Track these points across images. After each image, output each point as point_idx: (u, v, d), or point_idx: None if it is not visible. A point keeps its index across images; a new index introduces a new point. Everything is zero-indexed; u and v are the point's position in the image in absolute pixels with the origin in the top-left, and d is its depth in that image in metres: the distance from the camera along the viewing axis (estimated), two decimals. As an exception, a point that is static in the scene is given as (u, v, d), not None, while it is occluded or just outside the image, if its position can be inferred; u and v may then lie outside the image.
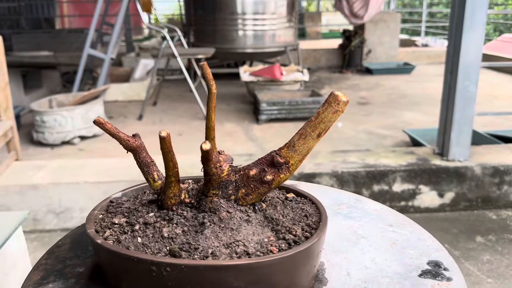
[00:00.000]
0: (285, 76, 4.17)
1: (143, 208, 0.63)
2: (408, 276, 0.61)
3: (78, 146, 3.17)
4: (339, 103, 0.59)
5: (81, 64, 3.93)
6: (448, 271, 0.62)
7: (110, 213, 0.63)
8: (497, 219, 2.31)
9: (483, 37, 2.25)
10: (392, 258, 0.65)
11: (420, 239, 0.71)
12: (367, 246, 0.69)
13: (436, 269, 0.62)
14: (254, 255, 0.54)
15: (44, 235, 2.22)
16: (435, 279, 0.60)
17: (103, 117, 3.49)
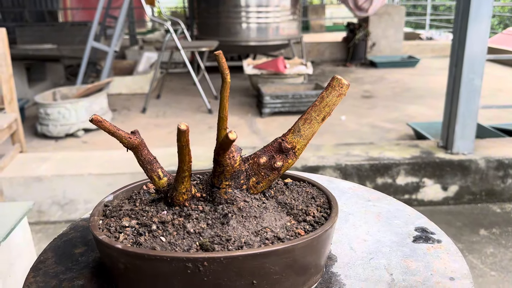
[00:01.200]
0: (288, 69, 4.16)
1: (150, 207, 0.60)
2: (404, 243, 0.67)
3: (82, 139, 3.17)
4: (342, 86, 0.60)
5: (85, 57, 3.93)
6: (435, 234, 0.69)
7: (112, 217, 0.60)
8: (501, 212, 2.30)
9: (488, 30, 2.23)
10: (384, 229, 0.71)
11: (399, 210, 0.77)
12: (357, 221, 0.73)
13: (425, 234, 0.69)
14: (285, 239, 0.54)
15: (48, 226, 2.23)
16: (427, 243, 0.67)
17: (107, 110, 3.50)
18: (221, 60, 0.57)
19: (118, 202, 0.65)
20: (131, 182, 0.77)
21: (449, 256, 0.64)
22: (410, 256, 0.63)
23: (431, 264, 0.62)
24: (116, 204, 0.64)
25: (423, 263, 0.62)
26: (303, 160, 2.34)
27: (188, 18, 6.26)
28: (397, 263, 0.62)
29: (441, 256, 0.63)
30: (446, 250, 0.65)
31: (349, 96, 4.38)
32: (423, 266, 0.61)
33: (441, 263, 0.62)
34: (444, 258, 0.63)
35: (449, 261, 0.62)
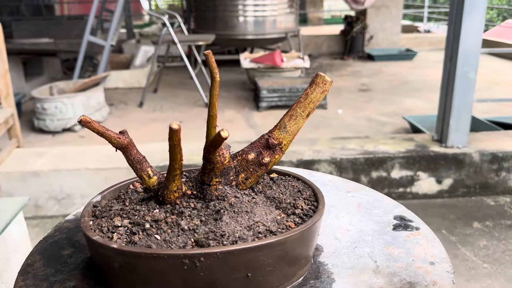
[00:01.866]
0: (285, 63, 4.16)
1: (141, 206, 0.61)
2: (385, 231, 0.70)
3: (79, 133, 3.18)
4: (325, 83, 0.62)
5: (81, 51, 3.92)
6: (413, 222, 0.73)
7: (103, 217, 0.60)
8: (494, 205, 2.32)
9: (483, 23, 2.24)
10: (365, 219, 0.74)
11: (377, 200, 0.80)
12: (339, 212, 0.76)
13: (403, 222, 0.73)
14: (278, 232, 0.57)
15: (45, 221, 2.24)
16: (407, 230, 0.70)
17: (104, 104, 3.50)
18: (210, 59, 0.59)
19: (107, 202, 0.65)
20: (128, 177, 0.77)
21: (427, 242, 0.67)
22: (391, 243, 0.67)
23: (412, 250, 0.65)
24: (105, 204, 0.64)
25: (404, 249, 0.65)
26: (298, 155, 2.36)
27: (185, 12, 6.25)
28: (380, 250, 0.65)
29: (421, 243, 0.67)
30: (425, 236, 0.69)
31: (346, 90, 4.39)
32: (404, 252, 0.65)
33: (421, 249, 0.65)
34: (423, 244, 0.67)
35: (428, 247, 0.66)
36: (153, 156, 2.36)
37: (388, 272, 0.60)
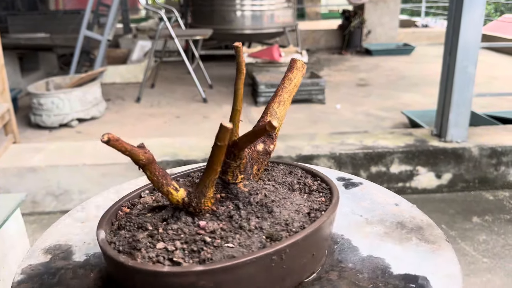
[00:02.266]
0: (283, 58, 4.14)
1: (176, 224, 0.55)
2: (341, 190, 0.80)
3: (76, 129, 3.16)
4: (304, 67, 0.67)
5: (78, 46, 3.89)
6: (353, 179, 0.85)
7: (139, 250, 0.52)
8: (493, 199, 2.32)
9: (482, 17, 2.22)
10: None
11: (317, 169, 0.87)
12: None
13: (347, 181, 0.85)
14: (319, 211, 0.60)
15: (43, 217, 2.23)
16: (356, 186, 0.82)
17: (101, 100, 3.47)
18: (240, 52, 0.56)
19: (124, 233, 0.56)
20: (126, 172, 0.76)
21: (379, 192, 0.79)
22: (356, 198, 0.77)
23: (375, 199, 0.76)
24: (128, 234, 0.56)
25: (369, 201, 0.76)
26: (297, 150, 2.35)
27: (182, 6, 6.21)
28: (354, 206, 0.75)
29: (374, 193, 0.78)
30: (372, 188, 0.81)
31: (344, 85, 4.37)
32: (370, 202, 0.75)
33: (380, 197, 0.77)
34: (376, 194, 0.78)
35: (383, 195, 0.78)
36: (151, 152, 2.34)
37: (374, 219, 0.71)
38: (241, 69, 0.57)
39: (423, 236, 0.65)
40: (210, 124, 3.22)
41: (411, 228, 0.68)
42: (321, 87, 3.63)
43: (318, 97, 3.65)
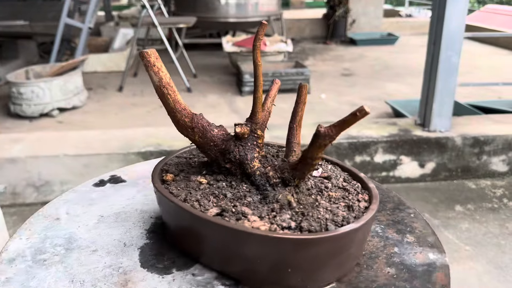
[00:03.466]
0: (268, 47, 4.11)
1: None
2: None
3: (57, 119, 3.10)
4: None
5: (58, 33, 3.80)
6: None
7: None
8: (476, 188, 2.35)
9: (466, 7, 2.23)
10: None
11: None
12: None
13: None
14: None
15: (24, 209, 2.18)
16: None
17: (82, 89, 3.41)
18: (263, 29, 0.58)
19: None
20: (109, 164, 0.76)
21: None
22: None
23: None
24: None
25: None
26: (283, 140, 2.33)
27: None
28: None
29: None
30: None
31: (329, 74, 4.37)
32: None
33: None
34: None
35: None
36: (134, 142, 2.31)
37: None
38: (257, 63, 0.60)
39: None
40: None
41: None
42: (306, 77, 3.62)
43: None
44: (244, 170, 0.60)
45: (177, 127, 0.60)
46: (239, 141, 0.60)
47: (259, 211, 0.55)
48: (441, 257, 0.61)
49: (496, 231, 1.95)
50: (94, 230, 0.64)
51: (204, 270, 0.57)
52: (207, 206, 0.56)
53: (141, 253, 0.60)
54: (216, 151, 0.60)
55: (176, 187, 0.60)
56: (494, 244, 1.86)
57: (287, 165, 0.59)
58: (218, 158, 0.61)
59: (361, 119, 0.49)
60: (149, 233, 0.64)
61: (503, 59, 5.14)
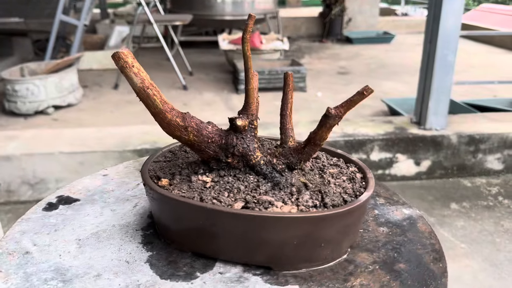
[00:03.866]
0: (264, 45, 4.11)
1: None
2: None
3: (52, 116, 3.08)
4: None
5: (53, 31, 3.78)
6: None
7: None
8: (471, 186, 2.36)
9: (462, 5, 2.24)
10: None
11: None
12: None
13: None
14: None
15: (18, 206, 2.17)
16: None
17: (77, 86, 3.39)
18: (251, 21, 0.58)
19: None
20: (104, 161, 0.75)
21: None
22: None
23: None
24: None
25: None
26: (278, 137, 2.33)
27: (161, -9, 6.09)
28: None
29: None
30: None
31: (325, 73, 4.37)
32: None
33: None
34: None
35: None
36: (130, 140, 2.30)
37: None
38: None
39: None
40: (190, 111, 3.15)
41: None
42: (302, 75, 3.62)
43: (299, 85, 3.64)
44: (248, 161, 0.60)
45: (167, 129, 0.58)
46: (240, 133, 0.60)
47: (279, 197, 0.57)
48: (413, 210, 0.71)
49: (491, 228, 1.96)
50: (82, 255, 0.58)
51: (227, 266, 0.56)
52: (228, 201, 0.56)
53: (151, 266, 0.56)
54: (215, 147, 0.60)
55: (180, 190, 0.58)
56: (489, 241, 1.86)
57: (289, 150, 0.61)
58: (218, 154, 0.60)
59: (366, 97, 0.53)
60: (145, 245, 0.61)
61: (498, 58, 5.15)
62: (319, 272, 0.56)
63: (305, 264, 0.56)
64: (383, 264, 0.58)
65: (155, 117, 0.57)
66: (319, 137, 0.57)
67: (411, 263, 0.58)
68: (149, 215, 0.68)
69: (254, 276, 0.55)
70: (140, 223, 0.66)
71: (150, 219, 0.67)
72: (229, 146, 0.60)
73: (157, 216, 0.62)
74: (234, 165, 0.61)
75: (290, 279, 0.55)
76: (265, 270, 0.56)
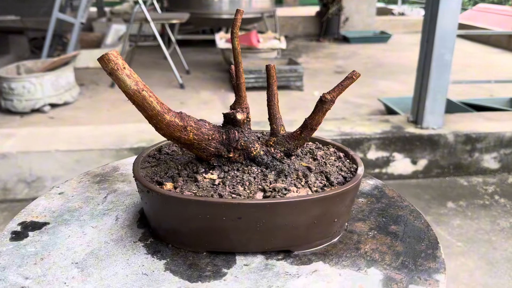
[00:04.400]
0: (262, 44, 4.11)
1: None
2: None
3: (48, 114, 3.07)
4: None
5: (50, 29, 3.76)
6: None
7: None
8: (468, 185, 2.37)
9: (459, 5, 2.24)
10: None
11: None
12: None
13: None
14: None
15: (15, 204, 2.16)
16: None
17: (74, 85, 3.38)
18: (240, 15, 0.59)
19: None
20: (101, 159, 0.73)
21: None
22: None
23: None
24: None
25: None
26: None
27: (158, -10, 6.08)
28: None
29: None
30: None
31: (322, 72, 4.38)
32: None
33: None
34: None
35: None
36: (127, 138, 2.30)
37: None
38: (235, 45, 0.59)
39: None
40: (187, 110, 3.15)
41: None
42: (299, 74, 3.62)
43: (297, 83, 3.64)
44: (249, 154, 0.61)
45: (165, 131, 0.56)
46: (239, 127, 0.60)
47: (290, 182, 0.60)
48: (376, 180, 0.81)
49: (488, 227, 1.97)
50: (91, 278, 0.54)
51: (248, 258, 0.58)
52: (246, 194, 0.57)
53: (173, 273, 0.54)
54: (216, 144, 0.60)
55: (190, 191, 0.57)
56: (485, 240, 1.87)
57: (284, 138, 0.63)
58: (220, 150, 0.60)
59: (355, 81, 0.57)
60: (154, 254, 0.58)
61: (494, 58, 5.17)
62: (332, 246, 0.61)
63: (319, 241, 0.60)
64: (379, 229, 0.65)
65: (150, 120, 0.55)
66: (316, 122, 0.60)
67: (399, 224, 0.66)
68: (138, 225, 0.65)
69: (278, 261, 0.58)
70: (134, 235, 0.63)
71: (142, 229, 0.64)
72: (231, 141, 0.60)
73: (163, 222, 0.60)
74: (235, 159, 0.61)
75: (311, 257, 0.58)
76: (285, 254, 0.59)
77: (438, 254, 0.60)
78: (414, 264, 0.57)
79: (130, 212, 0.69)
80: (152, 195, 0.57)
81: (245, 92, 0.63)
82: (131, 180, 0.79)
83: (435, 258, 0.59)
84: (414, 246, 0.61)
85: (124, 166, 0.86)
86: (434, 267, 0.57)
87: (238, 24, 0.58)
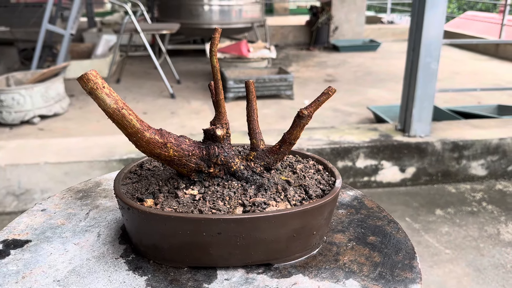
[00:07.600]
0: (252, 53, 4.13)
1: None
2: None
3: (38, 126, 3.06)
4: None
5: (40, 40, 3.76)
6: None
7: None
8: (456, 192, 2.39)
9: (444, 14, 2.28)
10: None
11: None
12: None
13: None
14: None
15: (3, 218, 2.15)
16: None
17: (64, 96, 3.38)
18: (217, 34, 0.61)
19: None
20: (90, 171, 0.73)
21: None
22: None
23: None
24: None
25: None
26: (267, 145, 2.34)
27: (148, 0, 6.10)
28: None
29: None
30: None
31: (312, 80, 4.41)
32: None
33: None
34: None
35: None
36: (116, 149, 2.30)
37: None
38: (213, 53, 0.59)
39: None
40: (178, 120, 3.18)
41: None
42: (290, 83, 3.65)
43: (287, 92, 3.66)
44: (229, 169, 0.62)
45: (145, 148, 0.57)
46: (219, 143, 0.61)
47: (269, 196, 0.61)
48: (355, 191, 0.82)
49: (476, 234, 1.99)
50: None
51: (229, 272, 0.59)
52: (226, 209, 0.58)
53: None
54: (196, 159, 0.61)
55: (170, 207, 0.58)
56: (473, 247, 1.89)
57: (263, 152, 0.64)
58: (200, 166, 0.61)
59: (331, 97, 0.60)
60: (135, 271, 0.59)
61: (482, 65, 5.24)
62: (311, 258, 0.62)
63: (299, 253, 0.61)
64: (357, 240, 0.66)
65: (130, 137, 0.56)
66: (294, 136, 0.62)
67: (378, 234, 0.67)
68: (120, 241, 0.65)
69: (258, 275, 0.58)
70: (116, 251, 0.63)
71: (124, 245, 0.64)
72: (211, 156, 0.61)
73: (144, 238, 0.60)
74: (215, 174, 0.62)
75: (291, 270, 0.59)
76: (265, 267, 0.59)
77: (414, 264, 0.61)
78: (391, 275, 0.58)
79: (112, 228, 0.69)
80: (132, 212, 0.58)
81: (225, 108, 0.64)
82: (113, 195, 0.79)
83: (412, 268, 0.60)
84: (391, 257, 0.62)
85: (107, 181, 0.86)
86: (410, 278, 0.58)
87: (217, 43, 0.60)
